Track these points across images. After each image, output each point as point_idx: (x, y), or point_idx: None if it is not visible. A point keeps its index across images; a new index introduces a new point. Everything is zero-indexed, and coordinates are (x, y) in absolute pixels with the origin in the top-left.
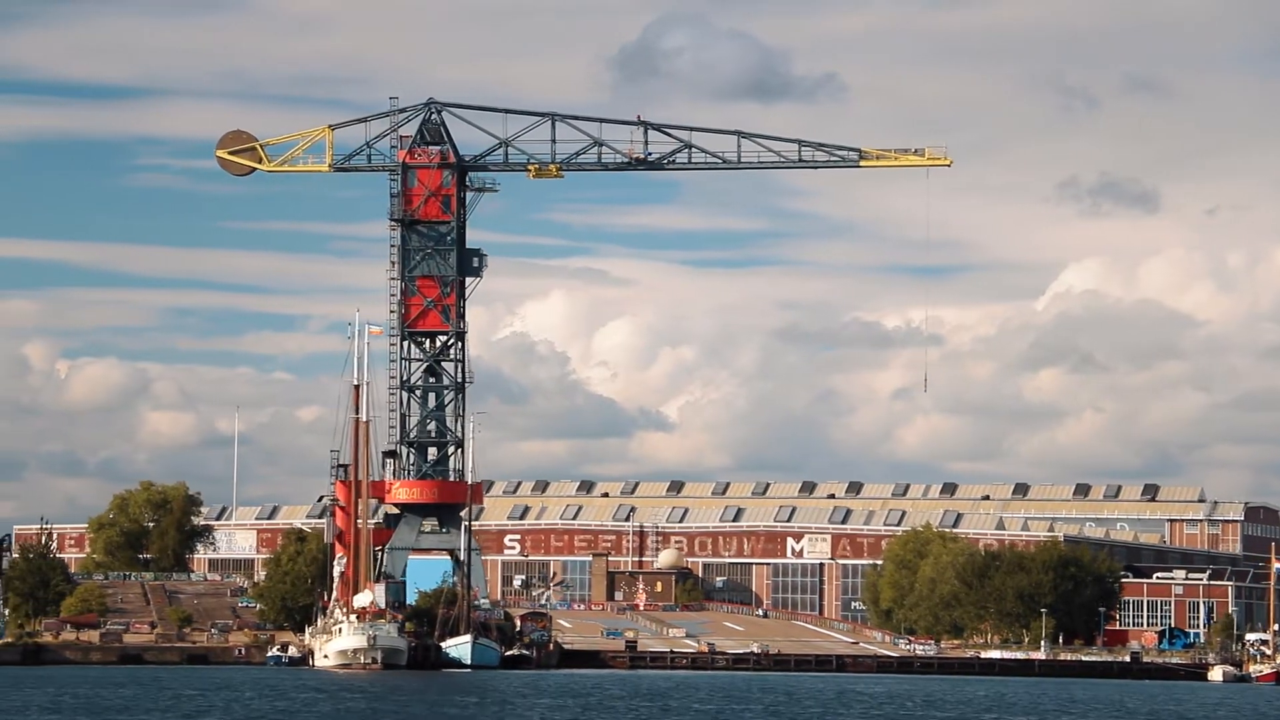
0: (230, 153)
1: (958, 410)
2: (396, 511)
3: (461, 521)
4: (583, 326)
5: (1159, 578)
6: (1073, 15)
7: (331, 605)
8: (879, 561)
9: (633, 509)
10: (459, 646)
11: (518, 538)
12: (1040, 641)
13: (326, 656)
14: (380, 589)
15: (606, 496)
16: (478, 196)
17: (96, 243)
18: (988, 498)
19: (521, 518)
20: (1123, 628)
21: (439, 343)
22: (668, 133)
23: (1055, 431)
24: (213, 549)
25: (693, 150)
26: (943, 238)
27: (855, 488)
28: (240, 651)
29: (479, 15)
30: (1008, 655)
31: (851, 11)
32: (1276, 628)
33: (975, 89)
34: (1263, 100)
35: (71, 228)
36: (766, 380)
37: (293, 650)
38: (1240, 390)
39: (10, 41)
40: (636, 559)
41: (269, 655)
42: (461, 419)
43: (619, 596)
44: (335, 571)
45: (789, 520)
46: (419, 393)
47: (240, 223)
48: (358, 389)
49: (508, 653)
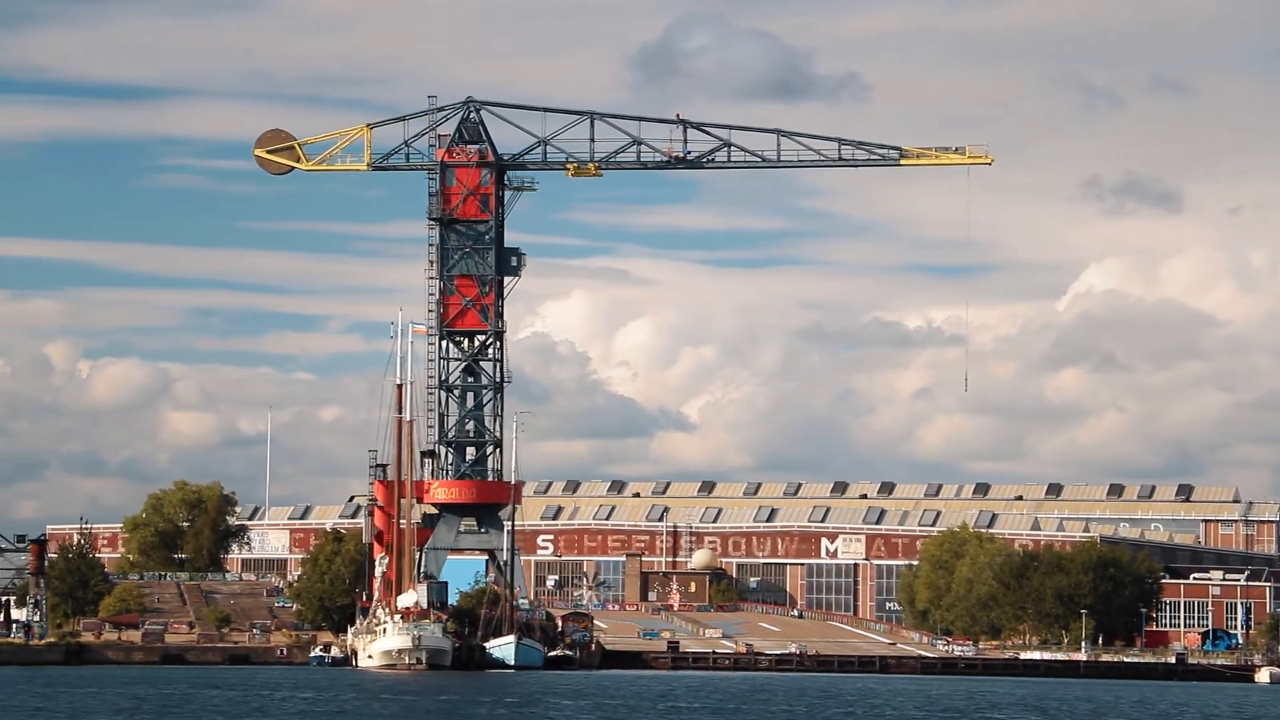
0: (268, 152)
1: (979, 410)
2: (434, 512)
3: (502, 521)
4: (604, 326)
5: (1196, 578)
6: (1096, 15)
7: (374, 605)
8: (914, 562)
9: (666, 509)
10: (503, 647)
11: (551, 538)
12: (1081, 643)
13: (370, 657)
14: (423, 589)
15: (638, 497)
16: (516, 195)
17: (118, 243)
18: (1020, 498)
19: (555, 518)
20: (1160, 629)
21: (477, 342)
22: (707, 131)
23: (1077, 431)
24: (248, 549)
25: (731, 149)
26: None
27: (887, 488)
28: (282, 652)
29: (499, 16)
30: (1048, 656)
31: (874, 11)
32: None
33: (998, 88)
34: None
35: (93, 228)
36: (787, 380)
37: (335, 651)
38: (1262, 390)
39: (32, 42)
40: (670, 559)
41: (312, 655)
42: (500, 419)
43: (653, 597)
44: (378, 571)
45: (823, 521)
46: (457, 392)
47: (261, 223)
48: (400, 388)
49: (551, 653)
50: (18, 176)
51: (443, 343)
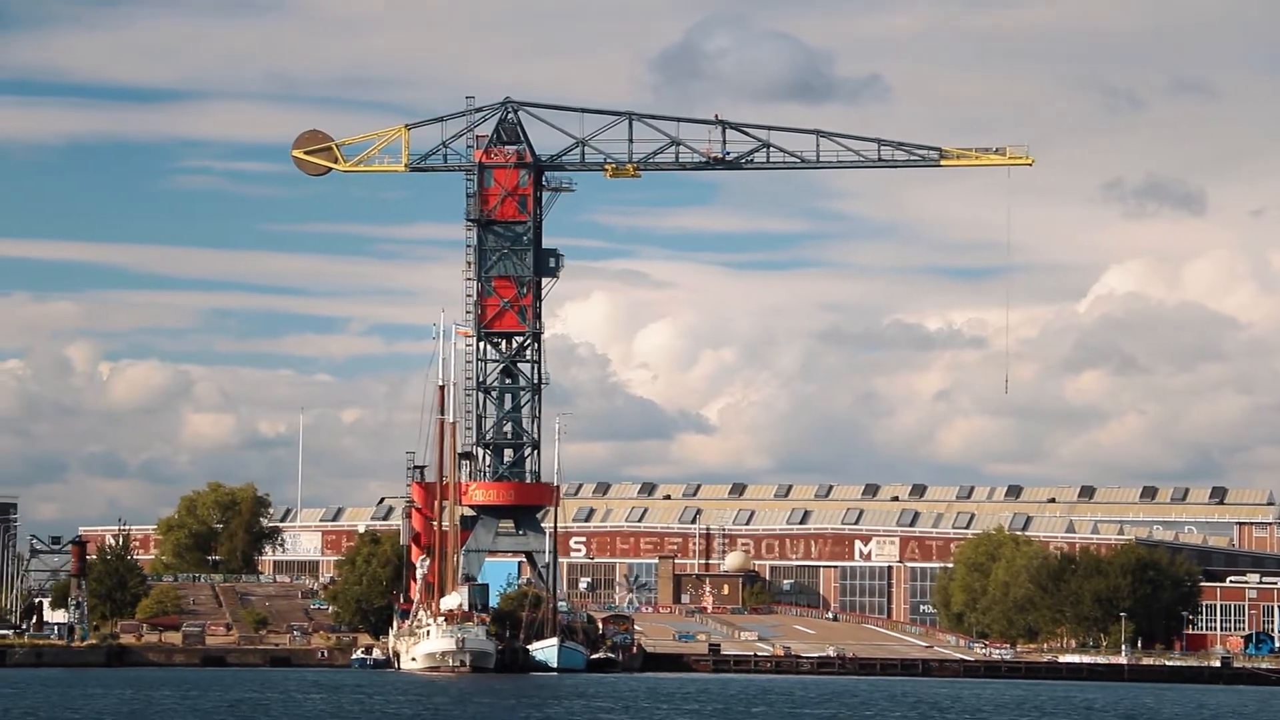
0: (306, 152)
1: (1000, 412)
2: (471, 514)
3: (540, 523)
4: (624, 328)
5: (1233, 581)
6: (1118, 16)
7: (415, 607)
8: (948, 564)
9: (698, 511)
10: (546, 650)
11: (584, 540)
12: (1120, 646)
13: (414, 659)
14: (464, 591)
15: (668, 499)
16: (554, 196)
17: (138, 245)
18: (1053, 500)
19: (587, 520)
20: (1198, 632)
21: (515, 344)
22: (745, 132)
23: (1098, 434)
24: (282, 550)
25: (771, 149)
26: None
27: (918, 490)
28: (323, 654)
29: (520, 17)
30: (1088, 660)
31: (895, 12)
32: None
33: (1020, 90)
34: None
35: (113, 230)
36: (807, 382)
37: (377, 653)
38: None
39: (52, 44)
40: (703, 561)
41: (353, 658)
42: (537, 420)
43: (685, 599)
44: (418, 573)
45: (856, 523)
46: (495, 394)
47: (281, 225)
48: (442, 390)
49: (593, 656)
50: (38, 178)
51: (480, 344)
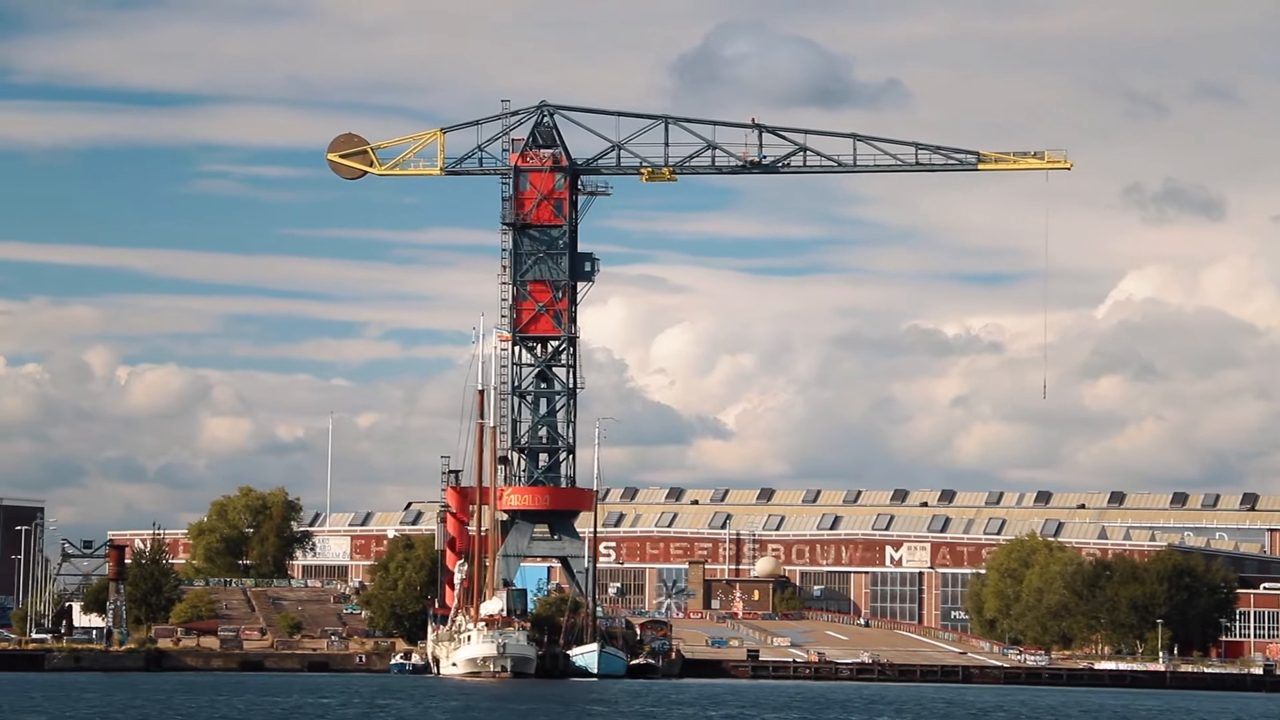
0: (341, 156)
1: (1017, 418)
2: (506, 518)
3: (575, 528)
4: (641, 334)
5: (1266, 588)
6: (1139, 21)
7: (454, 612)
8: (980, 570)
9: (728, 516)
10: (586, 655)
11: (613, 545)
12: (1157, 653)
13: (455, 664)
14: (503, 596)
15: (696, 504)
16: (590, 200)
17: (157, 249)
18: (1083, 506)
19: (616, 525)
20: (1233, 639)
21: (550, 348)
22: (783, 136)
23: (1115, 440)
24: (313, 555)
25: (807, 153)
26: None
27: (947, 496)
28: (360, 659)
29: (542, 23)
30: (1125, 667)
31: (914, 18)
32: None
33: (1040, 95)
34: None
35: (132, 234)
36: (825, 388)
37: (416, 658)
38: None
39: (73, 48)
40: (733, 567)
41: (392, 663)
42: (573, 425)
43: (715, 604)
44: (456, 578)
45: (887, 528)
46: (530, 398)
47: (299, 230)
48: (481, 394)
49: (633, 661)
50: (57, 183)
51: (515, 348)
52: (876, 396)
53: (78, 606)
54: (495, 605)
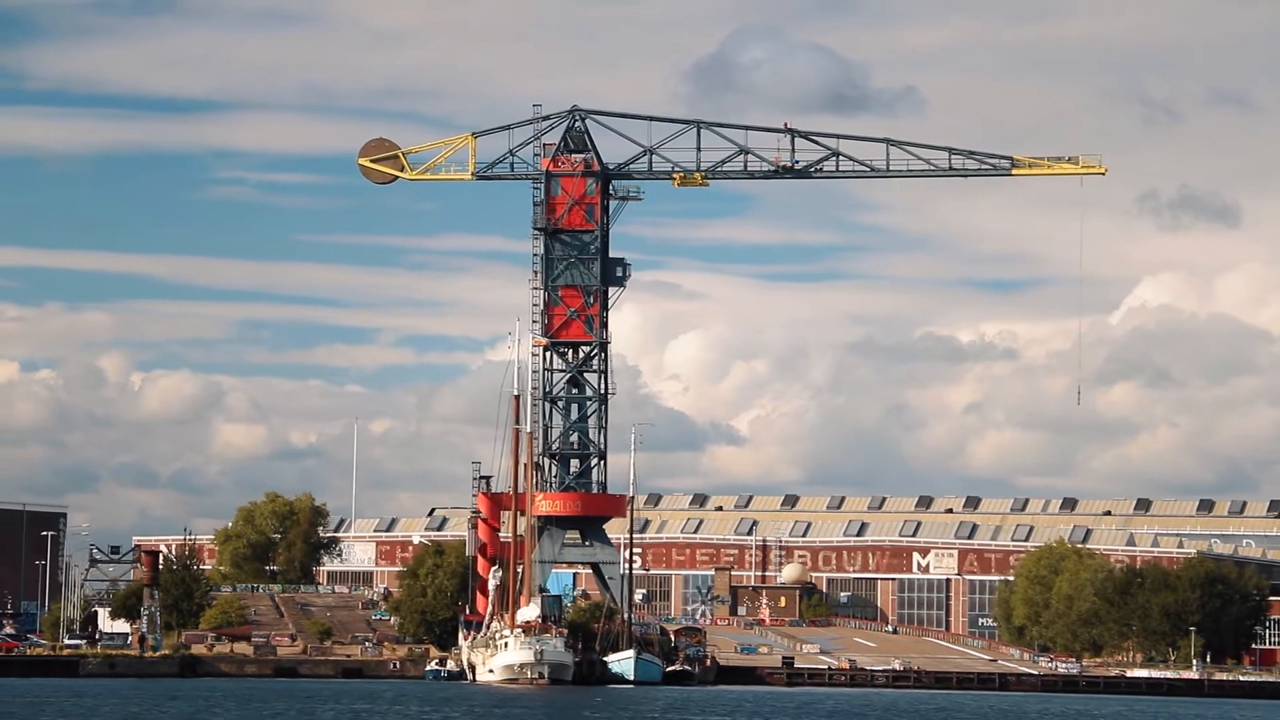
0: (372, 160)
1: (1030, 425)
2: (537, 524)
3: (605, 534)
4: (655, 340)
5: None
6: (1154, 28)
7: (488, 618)
8: (1008, 577)
9: (754, 523)
10: (622, 662)
11: (639, 551)
12: (1191, 660)
13: (491, 671)
14: (538, 602)
15: (720, 510)
16: (621, 205)
17: (171, 255)
18: (1109, 513)
19: (642, 531)
20: (1264, 646)
21: (581, 353)
22: (815, 141)
23: (1129, 447)
24: (340, 561)
25: (840, 158)
26: (1017, 251)
27: (972, 502)
28: (395, 665)
29: (556, 29)
30: (1160, 674)
31: (930, 25)
32: None
33: (1055, 102)
34: None
35: (146, 240)
36: (838, 394)
37: (450, 664)
38: None
39: (87, 55)
40: (759, 573)
41: (428, 669)
42: (604, 430)
43: (742, 611)
44: (491, 584)
45: (914, 535)
46: (561, 404)
47: (313, 236)
48: (518, 399)
49: (669, 668)
50: (72, 189)
51: (547, 354)
52: (890, 403)
53: (104, 612)
54: (531, 612)
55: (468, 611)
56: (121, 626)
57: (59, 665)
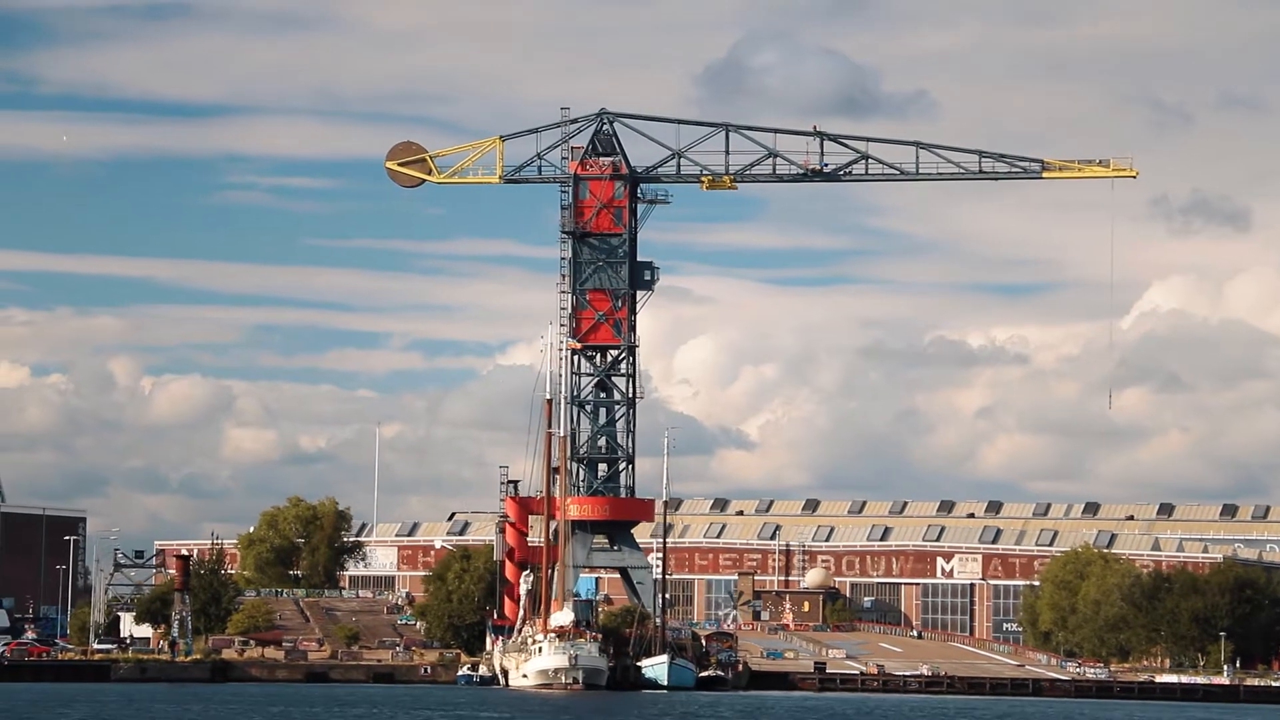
0: (400, 164)
1: (1041, 430)
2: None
3: (633, 538)
4: (664, 344)
5: None
6: (1166, 32)
7: (520, 623)
8: (1033, 582)
9: (777, 528)
10: (656, 667)
11: (660, 556)
12: (1220, 665)
13: (525, 676)
14: (570, 607)
15: (741, 514)
16: (649, 208)
17: (182, 260)
18: (1132, 518)
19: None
20: None
21: (609, 357)
22: (844, 144)
23: (1140, 451)
24: (363, 565)
25: (869, 161)
26: (1028, 255)
27: (995, 507)
28: (426, 670)
29: (567, 32)
30: (1187, 680)
31: (942, 29)
32: None
33: (1066, 106)
34: None
35: (157, 245)
36: (848, 399)
37: (482, 669)
38: None
39: (99, 59)
40: (782, 578)
41: (459, 674)
42: (632, 434)
43: (765, 616)
44: (522, 589)
45: (938, 540)
46: (589, 408)
47: (324, 240)
48: (550, 403)
49: (702, 674)
50: (82, 193)
51: (575, 358)
52: (900, 407)
53: (128, 617)
54: (565, 616)
55: (496, 616)
56: (144, 631)
57: (90, 670)
